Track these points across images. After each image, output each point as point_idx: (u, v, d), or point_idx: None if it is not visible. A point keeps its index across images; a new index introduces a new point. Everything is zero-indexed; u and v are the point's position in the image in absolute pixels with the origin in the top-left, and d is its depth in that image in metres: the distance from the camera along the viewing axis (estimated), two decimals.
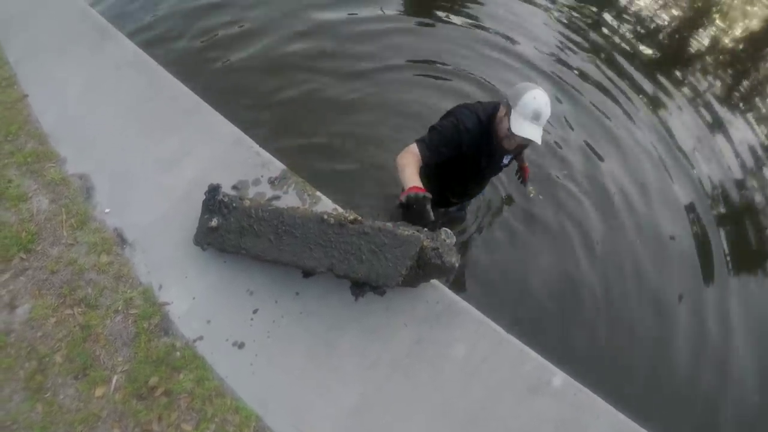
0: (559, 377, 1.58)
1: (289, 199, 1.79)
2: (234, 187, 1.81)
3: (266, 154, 1.90)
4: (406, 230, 1.52)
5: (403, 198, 1.60)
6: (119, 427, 1.54)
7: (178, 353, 1.64)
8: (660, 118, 4.22)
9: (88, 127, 2.16)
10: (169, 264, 1.74)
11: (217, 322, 1.66)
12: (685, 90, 4.77)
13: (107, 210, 1.87)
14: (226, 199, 1.65)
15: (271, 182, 1.81)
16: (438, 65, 3.98)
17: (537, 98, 1.72)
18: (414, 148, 1.78)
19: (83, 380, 1.61)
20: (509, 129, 1.74)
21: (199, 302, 1.68)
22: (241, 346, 1.62)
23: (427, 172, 1.84)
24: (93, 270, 1.81)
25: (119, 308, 1.73)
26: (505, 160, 2.11)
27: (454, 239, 1.57)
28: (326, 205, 1.80)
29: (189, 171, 1.86)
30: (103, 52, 2.37)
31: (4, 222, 1.91)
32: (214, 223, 1.63)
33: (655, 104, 4.37)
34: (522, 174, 2.46)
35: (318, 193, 1.82)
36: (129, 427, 1.54)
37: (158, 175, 1.90)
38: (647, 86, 4.54)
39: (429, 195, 1.58)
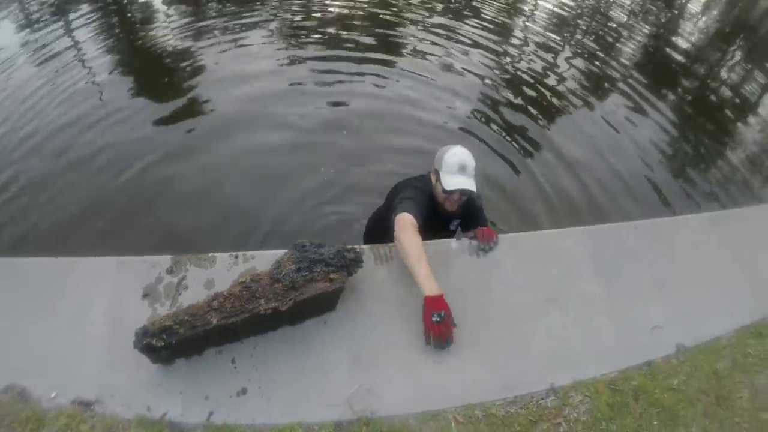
0: None
1: (195, 273, 2.05)
2: (145, 296, 2.00)
3: (149, 257, 2.10)
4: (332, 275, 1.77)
5: (429, 320, 1.68)
6: None
7: None
8: None
9: None
10: (141, 389, 1.88)
11: (212, 391, 1.88)
12: None
13: (53, 395, 1.92)
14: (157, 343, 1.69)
15: (169, 272, 2.05)
16: None
17: (457, 153, 1.82)
18: (408, 217, 1.72)
19: None
20: (443, 189, 1.84)
21: (188, 391, 1.88)
22: (243, 391, 1.89)
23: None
24: None
25: None
26: (452, 226, 2.15)
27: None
28: (223, 259, 2.10)
29: (99, 318, 1.99)
30: None
31: None
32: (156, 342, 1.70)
33: None
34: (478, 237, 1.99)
35: (211, 254, 2.10)
36: None
37: (74, 340, 1.96)
38: None
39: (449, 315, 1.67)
